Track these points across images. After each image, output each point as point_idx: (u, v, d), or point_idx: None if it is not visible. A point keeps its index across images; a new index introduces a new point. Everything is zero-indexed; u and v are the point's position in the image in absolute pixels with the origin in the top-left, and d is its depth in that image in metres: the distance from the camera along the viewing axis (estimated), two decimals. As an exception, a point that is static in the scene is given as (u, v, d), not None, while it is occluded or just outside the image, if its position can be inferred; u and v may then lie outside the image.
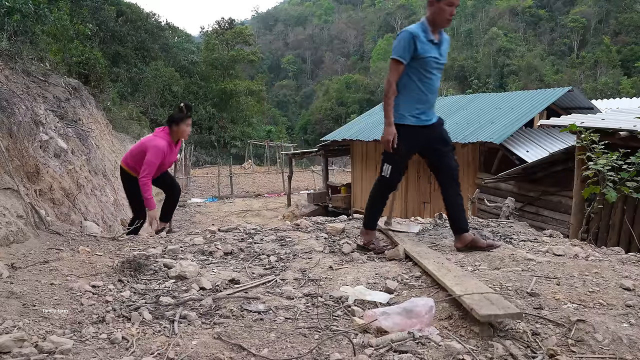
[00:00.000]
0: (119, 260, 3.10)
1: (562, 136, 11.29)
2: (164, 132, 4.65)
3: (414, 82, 3.27)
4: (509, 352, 1.92)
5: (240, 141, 38.27)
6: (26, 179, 4.12)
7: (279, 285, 2.82)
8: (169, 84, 35.25)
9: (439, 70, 3.36)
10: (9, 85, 4.81)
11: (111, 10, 31.38)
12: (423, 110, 3.32)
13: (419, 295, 2.55)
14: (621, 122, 5.65)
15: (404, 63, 3.21)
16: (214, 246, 3.71)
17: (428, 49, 3.21)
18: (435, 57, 3.26)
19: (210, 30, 47.09)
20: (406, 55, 3.19)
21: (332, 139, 17.45)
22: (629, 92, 33.63)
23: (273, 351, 1.95)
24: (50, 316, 2.19)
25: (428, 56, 3.21)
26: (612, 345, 1.94)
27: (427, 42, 3.21)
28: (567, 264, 2.91)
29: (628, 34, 53.09)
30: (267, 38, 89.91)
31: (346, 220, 4.75)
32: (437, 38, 3.28)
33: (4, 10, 8.17)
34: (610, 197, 4.71)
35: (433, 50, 3.25)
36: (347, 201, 16.85)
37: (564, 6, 63.76)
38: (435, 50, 3.26)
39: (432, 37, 3.24)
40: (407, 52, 3.19)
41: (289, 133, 52.94)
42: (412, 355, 1.89)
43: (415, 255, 3.10)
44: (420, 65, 3.23)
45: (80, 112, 8.00)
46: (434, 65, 3.27)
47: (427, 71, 3.26)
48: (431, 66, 3.26)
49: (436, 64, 3.29)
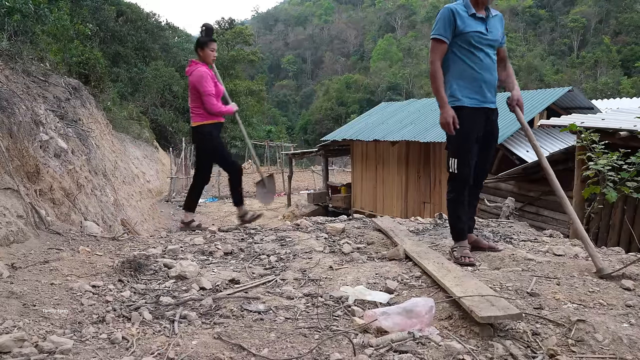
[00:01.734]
0: (119, 260, 3.10)
1: (562, 136, 11.29)
2: (194, 63, 4.54)
3: (462, 60, 3.07)
4: (509, 352, 1.92)
5: (240, 141, 38.27)
6: (26, 179, 4.12)
7: (279, 285, 2.82)
8: (169, 84, 35.23)
9: (490, 47, 3.10)
10: (9, 85, 4.81)
11: (111, 10, 31.37)
12: (477, 90, 3.08)
13: (419, 296, 2.55)
14: (621, 122, 5.65)
15: (445, 41, 3.02)
16: (214, 246, 3.71)
17: (470, 23, 3.02)
18: (480, 31, 3.04)
19: (210, 30, 47.07)
20: (446, 33, 3.01)
21: (332, 139, 17.46)
22: (629, 92, 33.63)
23: (273, 351, 1.95)
24: (51, 316, 2.19)
25: (470, 31, 3.01)
26: (612, 345, 1.93)
27: (469, 17, 3.03)
28: (567, 264, 2.91)
29: (628, 34, 53.12)
30: (267, 38, 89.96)
31: (346, 220, 4.75)
32: (482, 13, 3.08)
33: (4, 10, 8.17)
34: (611, 197, 4.71)
35: (477, 25, 3.04)
36: (347, 201, 16.85)
37: (564, 6, 63.80)
38: (479, 25, 3.05)
39: (473, 11, 3.05)
40: (446, 29, 3.01)
41: (289, 133, 52.95)
42: (412, 355, 1.89)
43: (415, 255, 3.10)
44: (464, 41, 3.03)
45: (81, 112, 7.99)
46: (480, 41, 3.04)
47: (474, 47, 3.04)
48: (478, 42, 3.04)
49: (484, 40, 3.06)
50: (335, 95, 57.45)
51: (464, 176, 3.11)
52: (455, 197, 3.17)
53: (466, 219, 3.24)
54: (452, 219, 3.22)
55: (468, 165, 3.10)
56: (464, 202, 3.20)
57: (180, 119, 35.47)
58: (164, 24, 40.75)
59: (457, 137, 3.06)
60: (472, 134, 3.09)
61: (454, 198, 3.17)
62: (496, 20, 3.16)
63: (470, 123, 3.07)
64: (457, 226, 3.20)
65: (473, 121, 3.08)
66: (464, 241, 3.17)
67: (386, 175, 15.19)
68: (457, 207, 3.18)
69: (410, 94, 51.85)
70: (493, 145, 3.27)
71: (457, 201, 3.17)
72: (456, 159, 3.09)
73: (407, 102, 18.60)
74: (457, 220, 3.18)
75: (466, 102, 3.07)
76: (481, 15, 3.07)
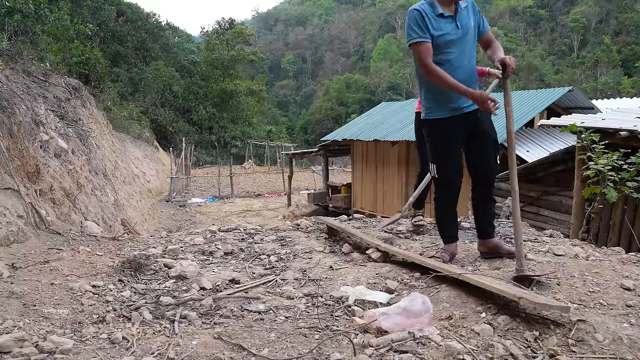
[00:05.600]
0: (119, 260, 3.10)
1: (562, 136, 11.28)
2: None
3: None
4: (509, 352, 1.92)
5: (241, 141, 38.27)
6: (26, 179, 4.12)
7: (279, 285, 2.83)
8: (169, 84, 35.26)
9: (465, 42, 2.86)
10: (10, 85, 4.81)
11: (111, 10, 31.39)
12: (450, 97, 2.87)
13: (419, 295, 2.54)
14: (621, 122, 5.64)
15: (426, 41, 2.76)
16: (214, 246, 3.71)
17: (439, 25, 2.80)
18: (450, 32, 2.81)
19: (210, 30, 47.12)
20: (423, 32, 2.76)
21: (332, 139, 17.45)
22: (630, 92, 33.59)
23: (273, 351, 1.95)
24: (51, 316, 2.19)
25: (440, 34, 2.78)
26: (613, 345, 1.93)
27: (437, 18, 2.80)
28: (567, 264, 2.91)
29: (628, 33, 53.10)
30: (267, 38, 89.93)
31: (346, 220, 4.75)
32: (450, 10, 2.83)
33: (5, 10, 8.18)
34: (611, 197, 4.71)
35: (446, 25, 2.81)
36: (348, 201, 16.84)
37: (564, 6, 63.76)
38: (448, 24, 2.81)
39: (441, 11, 2.81)
40: (422, 29, 2.77)
41: (289, 133, 52.93)
42: (412, 355, 1.89)
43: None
44: (434, 47, 2.79)
45: (81, 112, 7.99)
46: (451, 41, 2.81)
47: (444, 51, 2.81)
48: (447, 44, 2.81)
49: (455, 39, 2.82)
50: (336, 95, 57.42)
51: (446, 180, 3.02)
52: (439, 202, 3.13)
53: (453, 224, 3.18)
54: (437, 223, 3.23)
55: (448, 169, 2.99)
56: (452, 207, 3.13)
57: (181, 119, 35.50)
58: (164, 24, 40.75)
59: (434, 146, 2.99)
60: (451, 144, 2.98)
61: (438, 203, 3.14)
62: (466, 12, 2.89)
63: (447, 134, 2.94)
64: (440, 230, 3.20)
65: (449, 132, 2.94)
66: (448, 245, 3.12)
67: (386, 175, 15.18)
68: (442, 212, 3.14)
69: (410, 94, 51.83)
70: (489, 143, 3.00)
71: (442, 206, 3.13)
72: (435, 165, 3.01)
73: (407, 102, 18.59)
74: (440, 224, 3.18)
75: (438, 114, 2.93)
76: (449, 13, 2.83)
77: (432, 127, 2.99)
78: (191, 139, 32.52)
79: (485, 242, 3.12)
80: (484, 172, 3.03)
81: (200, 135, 36.92)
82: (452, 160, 2.99)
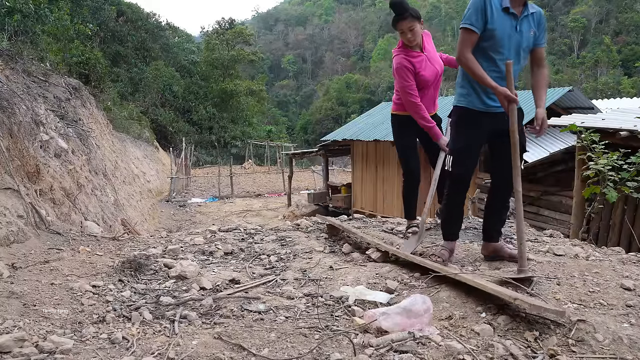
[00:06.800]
0: (119, 260, 3.10)
1: (562, 136, 11.28)
2: (396, 48, 3.72)
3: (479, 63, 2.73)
4: (509, 352, 1.92)
5: (241, 141, 38.28)
6: (26, 179, 4.12)
7: (280, 285, 2.83)
8: (169, 84, 35.27)
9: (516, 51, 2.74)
10: (10, 85, 4.81)
11: (111, 10, 31.41)
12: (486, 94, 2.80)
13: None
14: (621, 122, 5.65)
15: (475, 32, 2.67)
16: (214, 246, 3.71)
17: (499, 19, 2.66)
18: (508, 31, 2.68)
19: (210, 30, 47.16)
20: (478, 22, 2.66)
21: (332, 139, 17.45)
22: (630, 92, 33.58)
23: (273, 351, 1.95)
24: (51, 316, 2.19)
25: (496, 28, 2.66)
26: (613, 345, 1.93)
27: (501, 11, 2.66)
28: (567, 264, 2.91)
29: (628, 33, 53.11)
30: (267, 38, 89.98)
31: (346, 220, 4.75)
32: (517, 9, 2.69)
33: (5, 10, 8.18)
34: (611, 197, 4.71)
35: (505, 21, 2.67)
36: (348, 201, 16.84)
37: (564, 6, 63.77)
38: (509, 22, 2.68)
39: (507, 4, 2.66)
40: (478, 19, 2.66)
41: (290, 133, 52.96)
42: (412, 356, 1.89)
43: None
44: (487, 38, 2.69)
45: (81, 112, 7.99)
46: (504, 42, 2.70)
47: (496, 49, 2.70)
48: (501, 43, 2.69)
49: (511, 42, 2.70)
50: (336, 95, 57.47)
51: (460, 175, 2.94)
52: (450, 197, 3.03)
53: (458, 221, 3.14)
54: (443, 220, 3.16)
55: (465, 163, 2.92)
56: (461, 204, 3.07)
57: (181, 119, 35.51)
58: (164, 24, 40.78)
59: (457, 137, 2.93)
60: (475, 139, 2.91)
61: (449, 198, 3.04)
62: (531, 19, 2.76)
63: (472, 127, 2.86)
64: (444, 227, 3.13)
65: (476, 125, 2.86)
66: (448, 242, 3.08)
67: (386, 175, 15.18)
68: (451, 207, 3.05)
69: (410, 94, 51.73)
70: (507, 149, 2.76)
71: (452, 201, 3.03)
72: (452, 157, 2.92)
73: (407, 102, 18.56)
74: (446, 221, 3.11)
75: (473, 104, 2.85)
76: (514, 11, 2.68)
77: (460, 116, 2.91)
78: (191, 139, 32.53)
79: (489, 245, 3.12)
80: (508, 178, 2.82)
81: (200, 135, 36.94)
82: (470, 156, 2.93)
